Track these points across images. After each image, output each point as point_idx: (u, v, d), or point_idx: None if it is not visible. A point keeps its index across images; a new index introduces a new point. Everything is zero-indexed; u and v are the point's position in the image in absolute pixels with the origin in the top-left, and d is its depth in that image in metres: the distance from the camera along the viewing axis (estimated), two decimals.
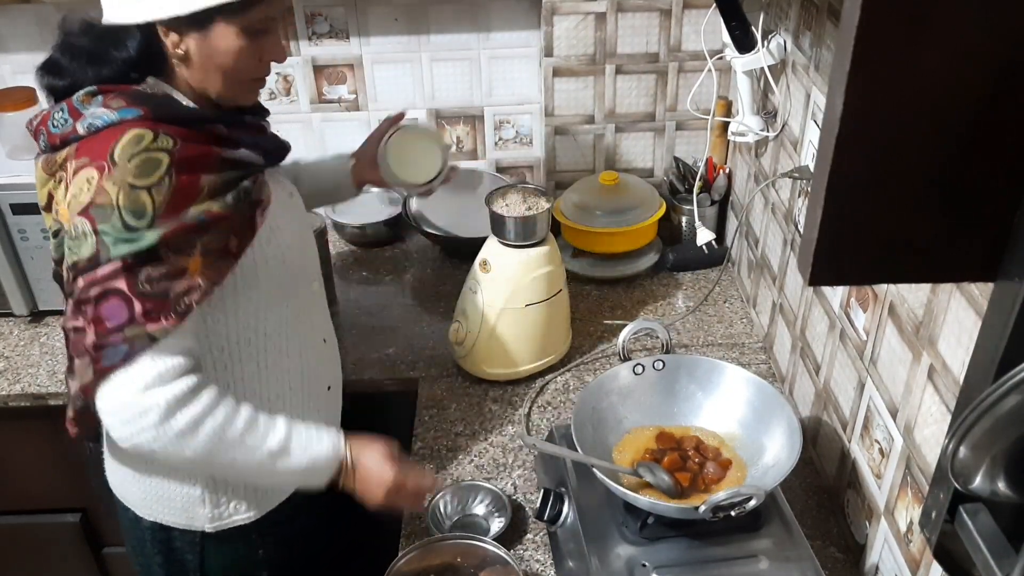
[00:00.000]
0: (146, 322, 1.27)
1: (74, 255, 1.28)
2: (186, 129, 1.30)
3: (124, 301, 1.26)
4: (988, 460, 0.81)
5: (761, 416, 1.55)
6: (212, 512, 1.52)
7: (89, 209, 1.25)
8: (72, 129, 1.30)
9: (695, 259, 2.26)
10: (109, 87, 1.31)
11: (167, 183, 1.25)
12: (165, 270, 1.27)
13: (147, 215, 1.24)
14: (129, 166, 1.24)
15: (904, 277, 1.01)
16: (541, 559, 1.55)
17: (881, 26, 0.72)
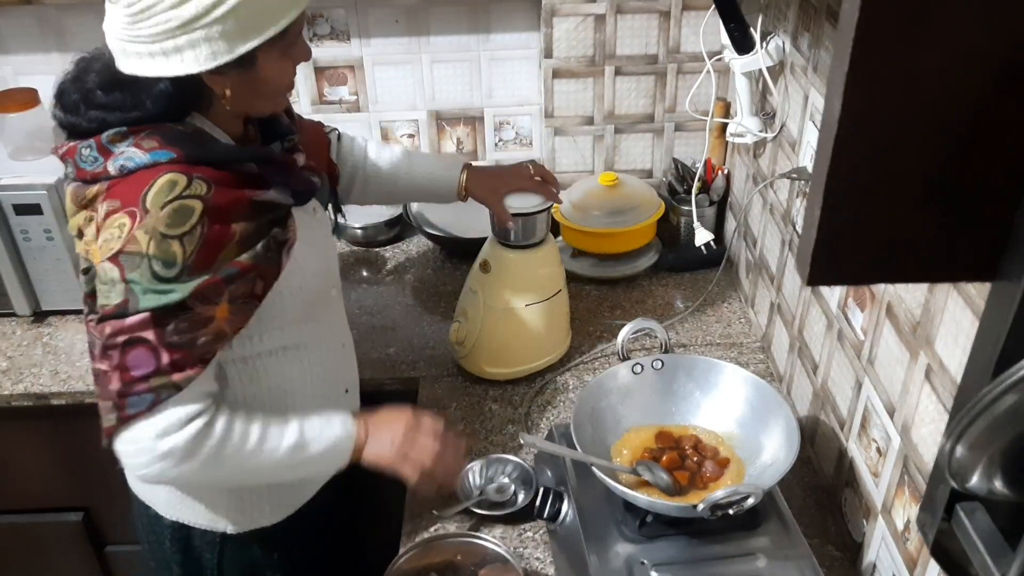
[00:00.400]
0: (172, 372, 1.28)
1: (104, 299, 1.27)
2: (219, 172, 1.29)
3: (151, 351, 1.27)
4: (985, 459, 0.82)
5: (759, 415, 1.56)
6: (235, 515, 1.55)
7: (119, 256, 1.25)
8: (103, 169, 1.29)
9: (694, 259, 2.26)
10: (139, 127, 1.29)
11: (199, 232, 1.25)
12: (192, 321, 1.28)
13: (177, 265, 1.24)
14: (161, 215, 1.23)
15: (902, 277, 1.01)
16: (541, 557, 1.55)
17: (879, 27, 0.72)
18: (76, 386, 1.97)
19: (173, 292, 1.25)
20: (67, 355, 2.05)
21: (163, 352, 1.27)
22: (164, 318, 1.26)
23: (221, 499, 1.53)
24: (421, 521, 1.63)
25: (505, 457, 1.70)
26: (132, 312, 1.25)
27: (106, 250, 1.25)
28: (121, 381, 1.28)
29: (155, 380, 1.28)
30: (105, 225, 1.26)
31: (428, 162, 1.87)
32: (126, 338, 1.26)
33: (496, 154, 2.45)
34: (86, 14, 2.19)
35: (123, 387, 1.28)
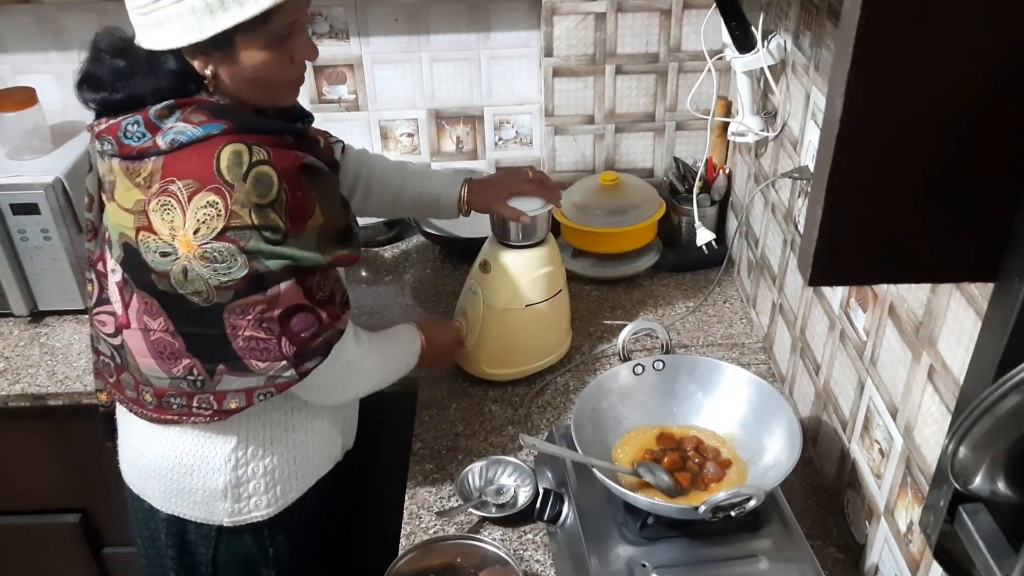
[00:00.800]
0: (333, 323, 1.44)
1: (224, 276, 1.32)
2: (268, 137, 1.34)
3: (310, 313, 1.40)
4: (988, 460, 0.81)
5: (761, 416, 1.55)
6: (232, 507, 1.55)
7: (227, 233, 1.30)
8: (152, 144, 1.32)
9: (695, 259, 2.26)
10: (185, 100, 1.33)
11: (284, 199, 1.32)
12: (323, 276, 1.42)
13: (281, 229, 1.32)
14: (247, 186, 1.29)
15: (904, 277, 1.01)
16: (541, 559, 1.55)
17: (881, 26, 0.72)
18: (73, 386, 1.96)
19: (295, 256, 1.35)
20: (64, 355, 2.04)
21: (320, 311, 1.41)
22: (305, 279, 1.38)
23: (218, 489, 1.53)
24: (420, 523, 1.62)
25: (505, 459, 1.69)
26: (270, 279, 1.34)
27: (208, 230, 1.30)
28: (294, 344, 1.40)
29: (324, 334, 1.43)
30: (192, 206, 1.29)
31: (430, 177, 1.87)
32: (283, 308, 1.37)
33: (496, 153, 2.45)
34: (85, 13, 2.19)
35: (299, 348, 1.41)
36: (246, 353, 1.39)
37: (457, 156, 2.45)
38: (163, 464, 1.54)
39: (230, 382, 1.42)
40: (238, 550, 1.60)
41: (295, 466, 1.59)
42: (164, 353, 1.42)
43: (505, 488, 1.66)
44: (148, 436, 1.54)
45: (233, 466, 1.53)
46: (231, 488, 1.54)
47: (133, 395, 1.51)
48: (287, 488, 1.59)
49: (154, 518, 1.60)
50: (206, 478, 1.53)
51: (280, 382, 1.43)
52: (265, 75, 1.36)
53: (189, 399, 1.45)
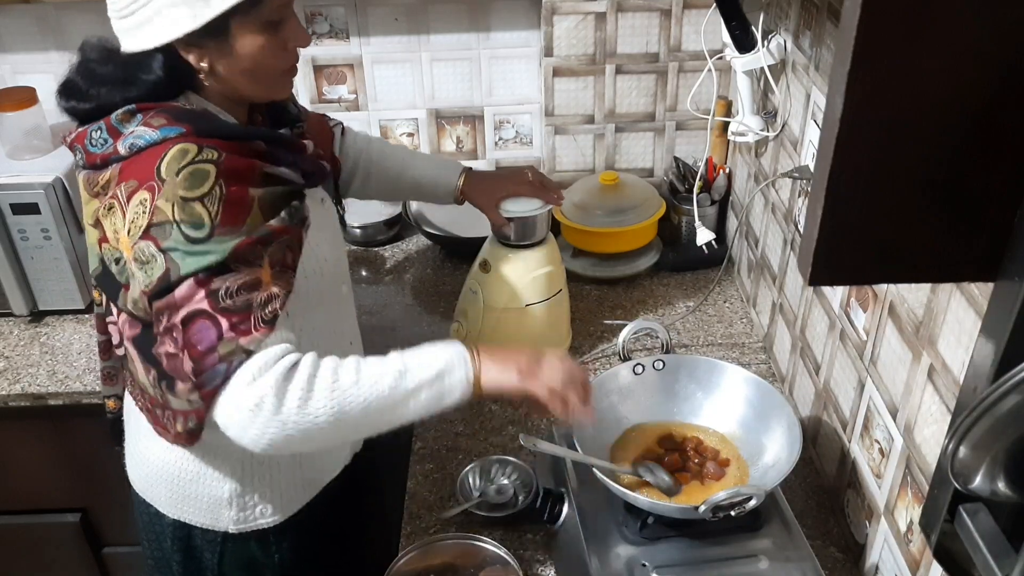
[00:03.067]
0: (237, 336, 1.24)
1: (146, 279, 1.26)
2: (229, 142, 1.30)
3: (209, 320, 1.24)
4: (988, 460, 0.81)
5: (761, 416, 1.55)
6: (238, 515, 1.53)
7: (150, 231, 1.24)
8: (113, 149, 1.29)
9: (695, 259, 2.26)
10: (148, 105, 1.30)
11: (218, 193, 1.25)
12: (240, 281, 1.25)
13: (205, 225, 1.24)
14: (178, 179, 1.24)
15: (904, 277, 1.01)
16: (541, 559, 1.55)
17: (881, 26, 0.72)
18: (73, 386, 1.96)
19: (211, 253, 1.24)
20: (64, 355, 2.04)
21: (220, 318, 1.24)
22: (209, 281, 1.24)
23: (223, 496, 1.52)
24: (420, 522, 1.62)
25: (505, 459, 1.69)
26: (176, 280, 1.24)
27: (136, 231, 1.25)
28: (191, 359, 1.24)
29: (223, 348, 1.23)
30: (129, 207, 1.26)
31: (428, 163, 1.87)
32: (183, 315, 1.24)
33: (496, 153, 2.45)
34: (85, 13, 2.19)
35: (195, 364, 1.24)
36: (171, 372, 1.28)
37: (457, 156, 2.45)
38: (169, 470, 1.53)
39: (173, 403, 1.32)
40: (244, 556, 1.59)
41: (302, 472, 1.57)
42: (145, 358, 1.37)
43: (505, 488, 1.66)
44: (156, 441, 1.51)
45: (240, 476, 1.51)
46: (236, 497, 1.52)
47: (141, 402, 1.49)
48: (294, 496, 1.57)
49: (160, 522, 1.59)
50: (211, 486, 1.52)
51: (196, 408, 1.28)
52: (260, 63, 1.33)
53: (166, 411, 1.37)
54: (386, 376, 1.28)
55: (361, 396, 1.27)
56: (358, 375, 1.27)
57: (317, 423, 1.25)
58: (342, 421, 1.27)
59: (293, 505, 1.58)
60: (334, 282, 1.54)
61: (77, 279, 2.07)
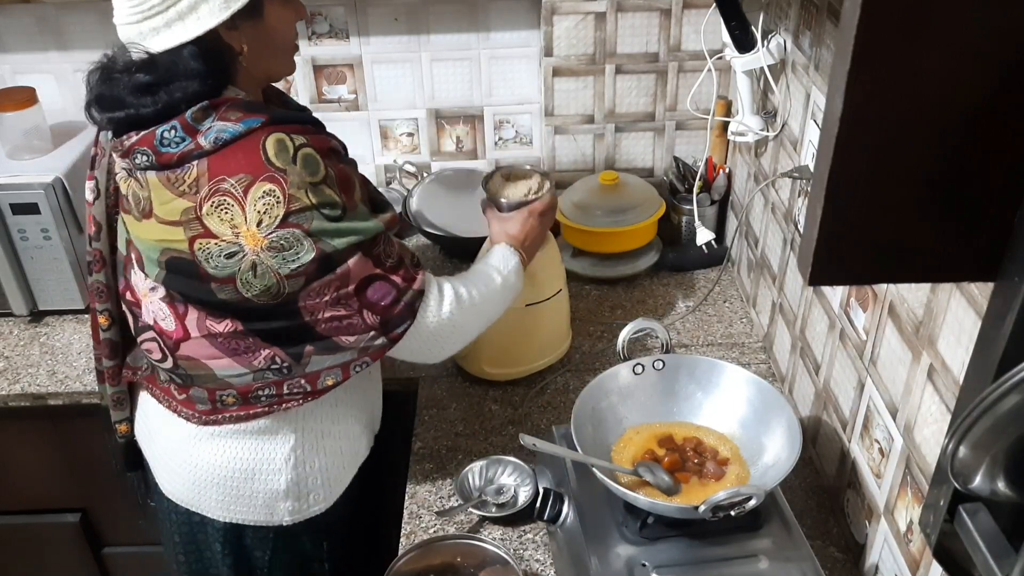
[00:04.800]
0: (409, 284, 1.44)
1: (293, 263, 1.33)
2: (299, 125, 1.38)
3: (383, 280, 1.41)
4: (988, 460, 0.81)
5: (761, 416, 1.55)
6: (293, 504, 1.57)
7: (290, 218, 1.31)
8: (195, 145, 1.31)
9: (695, 259, 2.26)
10: (218, 100, 1.33)
11: (332, 174, 1.36)
12: (387, 243, 1.43)
13: (338, 204, 1.35)
14: (298, 168, 1.31)
15: (904, 277, 1.01)
16: (541, 559, 1.55)
17: (881, 26, 0.72)
18: (73, 386, 1.96)
19: (356, 232, 1.36)
20: (64, 355, 2.04)
21: (392, 276, 1.42)
22: (371, 250, 1.39)
23: (280, 489, 1.55)
24: (420, 523, 1.62)
25: (505, 458, 1.69)
26: (339, 259, 1.35)
27: (271, 219, 1.30)
28: (376, 314, 1.41)
29: (404, 297, 1.43)
30: (249, 200, 1.30)
31: None
32: (356, 282, 1.38)
33: (496, 153, 2.45)
34: (85, 13, 2.19)
35: (383, 316, 1.42)
36: (332, 332, 1.40)
37: (457, 156, 2.45)
38: (220, 472, 1.54)
39: (321, 362, 1.44)
40: (294, 550, 1.62)
41: (343, 457, 1.61)
42: (239, 349, 1.42)
43: (505, 488, 1.66)
44: (200, 447, 1.53)
45: (293, 464, 1.55)
46: (292, 487, 1.56)
47: (207, 407, 1.49)
48: (341, 478, 1.62)
49: (206, 529, 1.60)
50: (267, 480, 1.54)
51: (373, 350, 1.45)
52: (286, 36, 1.42)
53: (279, 387, 1.46)
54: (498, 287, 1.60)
55: (492, 301, 1.59)
56: (488, 279, 1.59)
57: (478, 324, 1.59)
58: (486, 321, 1.61)
59: (338, 489, 1.63)
60: None
61: (77, 279, 2.07)
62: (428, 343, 1.51)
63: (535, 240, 1.71)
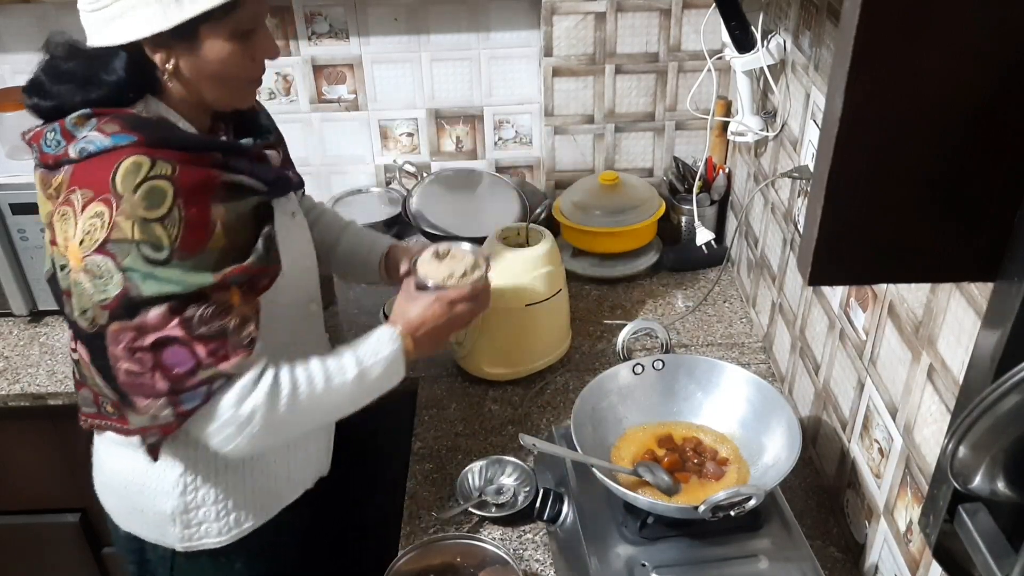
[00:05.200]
0: (216, 362, 1.27)
1: (100, 293, 1.23)
2: (183, 153, 1.26)
3: (184, 347, 1.25)
4: (988, 460, 0.81)
5: (761, 416, 1.55)
6: (183, 532, 1.50)
7: (107, 246, 1.22)
8: (64, 152, 1.27)
9: (695, 259, 2.26)
10: (104, 110, 1.28)
11: (177, 215, 1.23)
12: (213, 308, 1.26)
13: (165, 248, 1.22)
14: (135, 198, 1.21)
15: (904, 277, 1.01)
16: (541, 559, 1.55)
17: (881, 26, 0.72)
18: (73, 386, 1.95)
19: (171, 282, 1.23)
20: (64, 355, 2.04)
21: (197, 345, 1.26)
22: (182, 310, 1.24)
23: (166, 512, 1.48)
24: (420, 522, 1.62)
25: (505, 458, 1.69)
26: (141, 302, 1.22)
27: (90, 243, 1.22)
28: (167, 380, 1.26)
29: (202, 373, 1.27)
30: (83, 216, 1.23)
31: (365, 236, 1.78)
32: (154, 338, 1.24)
33: (496, 153, 2.45)
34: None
35: (173, 385, 1.26)
36: (129, 389, 1.28)
37: (457, 156, 2.45)
38: (119, 480, 1.51)
39: (127, 418, 1.33)
40: (199, 573, 1.55)
41: (251, 496, 1.52)
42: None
43: (505, 488, 1.66)
44: (106, 451, 1.51)
45: (181, 491, 1.47)
46: (180, 514, 1.48)
47: (92, 411, 1.46)
48: (242, 517, 1.52)
49: (117, 533, 1.57)
50: (156, 500, 1.48)
51: (162, 422, 1.29)
52: (226, 71, 1.31)
53: None
54: (349, 382, 1.41)
55: (332, 401, 1.42)
56: (328, 384, 1.39)
57: (300, 426, 1.43)
58: (318, 421, 1.48)
59: (243, 527, 1.53)
60: (297, 300, 1.51)
61: None
62: (225, 433, 1.33)
63: (435, 332, 1.51)
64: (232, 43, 1.29)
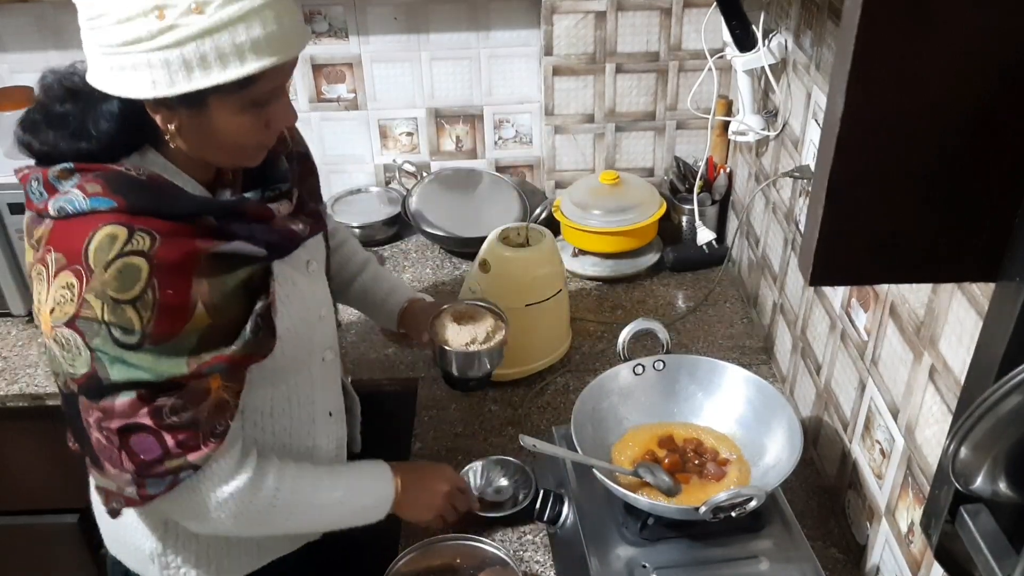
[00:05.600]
0: (184, 452, 1.23)
1: (69, 366, 1.19)
2: (168, 222, 1.18)
3: (153, 436, 1.21)
4: (989, 460, 0.81)
5: (762, 416, 1.55)
6: (162, 572, 1.47)
7: (76, 322, 1.15)
8: (45, 205, 1.19)
9: (695, 259, 2.26)
10: (88, 166, 1.19)
11: (151, 297, 1.15)
12: (186, 398, 1.21)
13: (136, 332, 1.15)
14: (107, 276, 1.14)
15: (905, 277, 1.01)
16: (541, 560, 1.54)
17: (882, 25, 0.72)
18: None
19: (140, 368, 1.17)
20: None
21: (166, 436, 1.21)
22: (152, 397, 1.19)
23: (145, 550, 1.45)
24: None
25: (504, 459, 1.69)
26: (107, 385, 1.17)
27: (60, 314, 1.16)
28: (133, 463, 1.22)
29: (169, 463, 1.22)
30: (55, 284, 1.17)
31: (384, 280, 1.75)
32: (121, 424, 1.19)
33: (496, 152, 2.44)
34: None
35: (138, 469, 1.22)
36: (100, 452, 1.24)
37: (457, 155, 2.45)
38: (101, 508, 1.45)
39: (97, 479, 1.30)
40: None
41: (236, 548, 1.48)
42: None
43: (504, 488, 1.65)
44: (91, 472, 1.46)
45: (161, 535, 1.43)
46: (158, 556, 1.45)
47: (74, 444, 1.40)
48: (224, 566, 1.48)
49: (108, 554, 1.55)
50: (136, 537, 1.45)
51: (128, 496, 1.25)
52: (234, 140, 1.21)
53: None
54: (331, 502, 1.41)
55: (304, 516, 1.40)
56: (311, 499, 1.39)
57: (261, 530, 1.41)
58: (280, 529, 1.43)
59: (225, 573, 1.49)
60: (308, 353, 1.44)
61: None
62: (192, 518, 1.32)
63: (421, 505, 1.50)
64: (244, 115, 1.19)
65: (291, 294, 1.35)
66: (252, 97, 1.18)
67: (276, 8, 1.13)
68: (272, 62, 1.14)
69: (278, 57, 1.14)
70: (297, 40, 1.18)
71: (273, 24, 1.12)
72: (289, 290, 1.35)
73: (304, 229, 1.35)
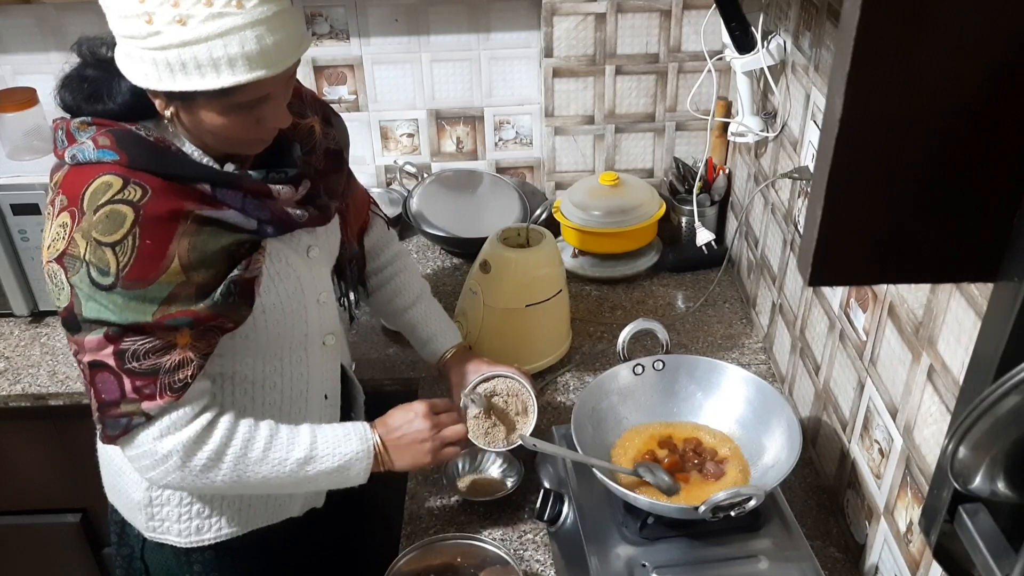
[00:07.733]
0: (140, 399, 1.28)
1: (58, 301, 1.28)
2: (163, 180, 1.25)
3: (113, 376, 1.27)
4: (988, 460, 0.81)
5: (761, 416, 1.55)
6: (148, 523, 1.52)
7: (63, 258, 1.24)
8: (63, 152, 1.29)
9: (695, 259, 2.26)
10: (104, 122, 1.28)
11: (130, 243, 1.22)
12: (151, 344, 1.27)
13: (110, 274, 1.22)
14: (95, 219, 1.22)
15: (904, 277, 1.01)
16: (541, 559, 1.55)
17: (881, 26, 0.72)
18: (74, 387, 1.96)
19: (107, 309, 1.24)
20: (65, 355, 2.04)
21: (125, 379, 1.27)
22: (118, 339, 1.26)
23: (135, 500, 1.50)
24: (420, 523, 1.62)
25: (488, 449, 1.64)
26: (82, 323, 1.26)
27: (53, 250, 1.25)
28: (96, 400, 1.30)
29: (124, 407, 1.29)
30: (54, 222, 1.26)
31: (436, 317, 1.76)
32: (90, 359, 1.28)
33: (496, 154, 2.45)
34: (85, 13, 2.19)
35: (99, 407, 1.30)
36: (82, 381, 1.33)
37: (457, 156, 2.45)
38: (105, 456, 1.56)
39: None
40: (161, 561, 1.56)
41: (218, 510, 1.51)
42: None
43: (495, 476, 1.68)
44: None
45: (148, 486, 1.47)
46: (144, 507, 1.49)
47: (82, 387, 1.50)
48: (204, 527, 1.51)
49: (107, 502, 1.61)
50: (128, 486, 1.51)
51: (98, 431, 1.34)
52: (225, 134, 1.28)
53: None
54: (290, 461, 1.38)
55: (262, 473, 1.37)
56: (265, 453, 1.37)
57: (214, 485, 1.37)
58: (239, 487, 1.39)
59: (203, 537, 1.52)
60: (303, 334, 1.46)
61: None
62: (141, 464, 1.34)
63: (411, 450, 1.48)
64: (230, 115, 1.25)
65: (282, 272, 1.40)
66: (236, 102, 1.23)
67: (262, 27, 1.18)
68: (249, 78, 1.19)
69: (256, 74, 1.19)
70: (281, 59, 1.21)
71: (253, 43, 1.17)
72: (281, 268, 1.40)
73: (302, 216, 1.39)
